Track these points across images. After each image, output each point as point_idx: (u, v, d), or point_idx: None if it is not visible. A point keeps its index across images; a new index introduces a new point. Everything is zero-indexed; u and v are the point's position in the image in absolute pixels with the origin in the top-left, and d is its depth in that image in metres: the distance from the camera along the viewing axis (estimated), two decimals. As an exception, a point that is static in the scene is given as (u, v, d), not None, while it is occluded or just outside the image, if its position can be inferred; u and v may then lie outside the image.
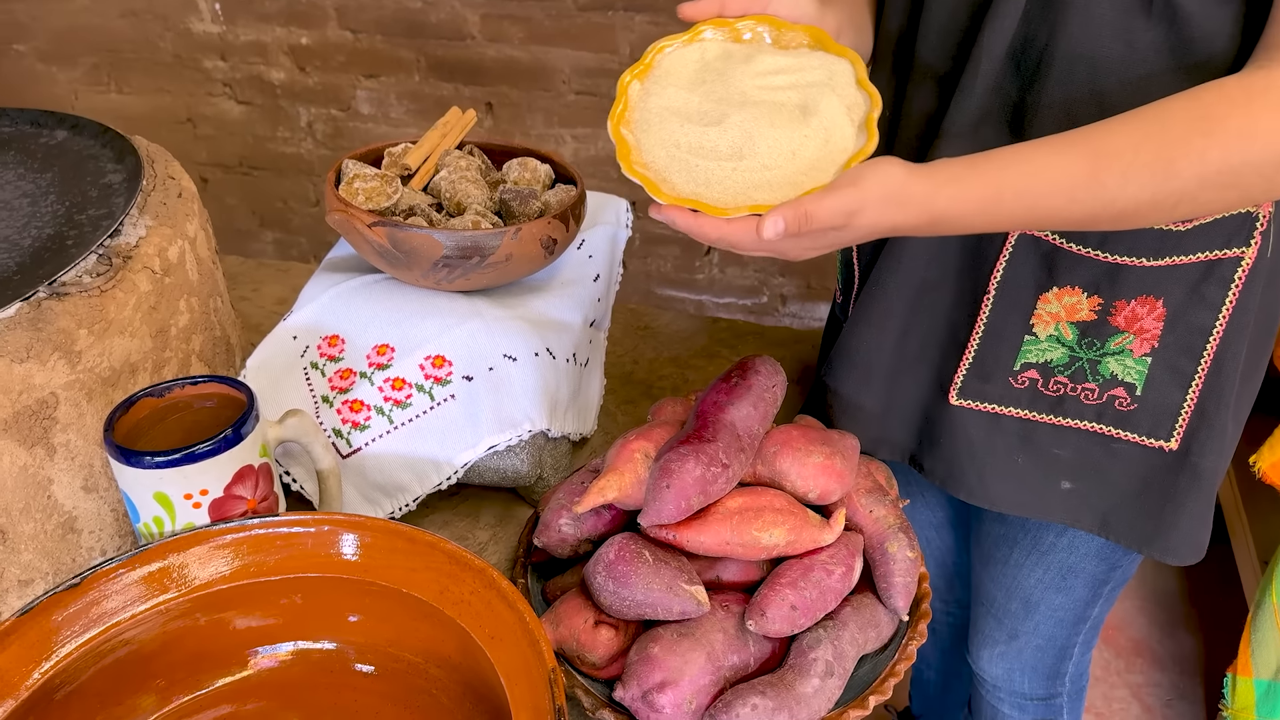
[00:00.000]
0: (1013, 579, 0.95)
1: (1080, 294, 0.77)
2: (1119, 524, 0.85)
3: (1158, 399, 0.80)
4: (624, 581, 0.67)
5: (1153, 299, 0.76)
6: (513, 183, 0.95)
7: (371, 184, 0.89)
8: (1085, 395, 0.81)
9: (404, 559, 0.71)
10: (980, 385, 0.83)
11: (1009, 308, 0.79)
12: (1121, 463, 0.82)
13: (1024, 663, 1.02)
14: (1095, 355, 0.80)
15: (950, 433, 0.85)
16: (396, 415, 0.83)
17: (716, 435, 0.69)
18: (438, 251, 0.83)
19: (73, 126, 1.05)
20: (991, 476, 0.86)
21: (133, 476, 0.71)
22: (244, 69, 2.15)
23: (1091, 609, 0.97)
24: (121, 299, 0.78)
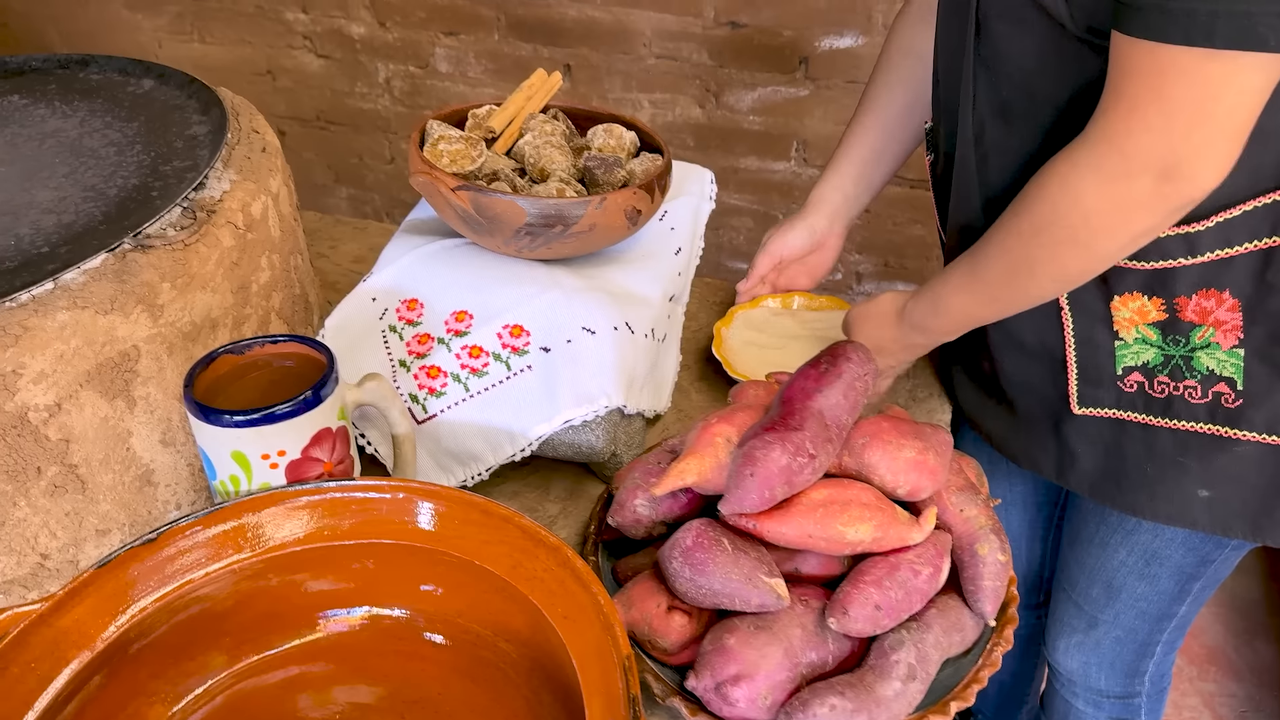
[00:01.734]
0: (1097, 559, 0.94)
1: (1142, 297, 0.78)
2: (1270, 527, 0.82)
3: (1263, 392, 0.78)
4: (701, 569, 0.65)
5: (1215, 291, 0.76)
6: (597, 150, 0.93)
7: (456, 146, 0.87)
8: (1189, 394, 0.80)
9: (478, 531, 0.69)
10: (1095, 392, 0.83)
11: (1089, 317, 0.81)
12: (1252, 465, 0.80)
13: (1102, 656, 0.99)
14: (1185, 351, 0.79)
15: (1089, 441, 0.86)
16: (473, 383, 0.82)
17: (803, 424, 0.66)
18: (520, 219, 0.81)
19: (159, 76, 1.05)
20: (1128, 485, 0.86)
21: (211, 434, 0.70)
22: (324, 22, 2.14)
23: (1177, 605, 0.93)
24: (205, 253, 0.78)
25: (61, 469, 0.73)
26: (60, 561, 0.76)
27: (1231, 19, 0.57)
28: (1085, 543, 0.96)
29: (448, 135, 0.88)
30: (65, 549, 0.76)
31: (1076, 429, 0.86)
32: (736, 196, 1.99)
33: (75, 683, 0.62)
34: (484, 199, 0.81)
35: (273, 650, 0.71)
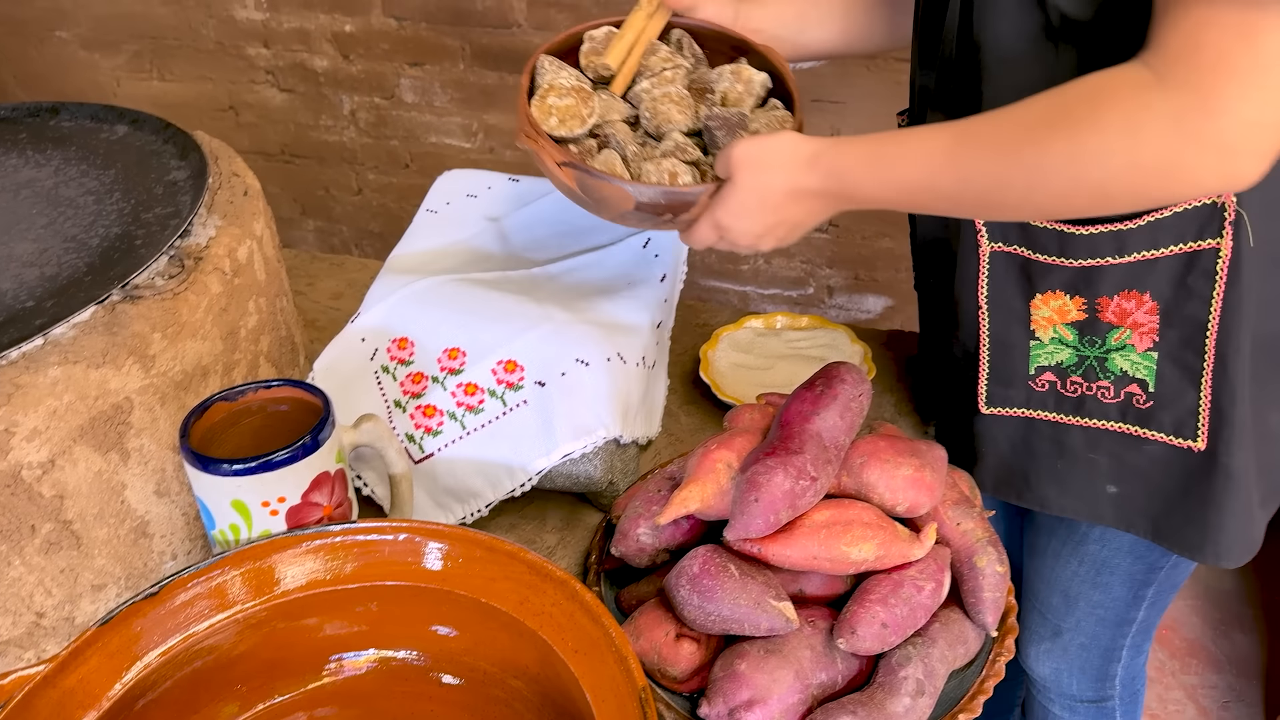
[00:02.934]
0: (1051, 570, 0.96)
1: (1064, 296, 0.79)
2: (1169, 529, 0.84)
3: (1172, 395, 0.79)
4: (709, 596, 0.66)
5: (1136, 293, 0.77)
6: (720, 97, 0.83)
7: (567, 101, 0.78)
8: (1102, 394, 0.81)
9: (483, 568, 0.69)
10: (1005, 391, 0.85)
11: (1006, 317, 0.82)
12: (1158, 466, 0.82)
13: (1070, 662, 1.01)
14: (1100, 352, 0.80)
15: (992, 441, 0.87)
16: (469, 421, 0.82)
17: (803, 446, 0.67)
18: (628, 204, 0.75)
19: (133, 121, 1.04)
20: (1036, 480, 0.87)
21: (210, 484, 0.70)
22: (287, 56, 2.14)
23: (1134, 611, 0.95)
24: (194, 301, 0.77)
25: (56, 525, 0.72)
26: (56, 619, 0.75)
27: None
28: (1041, 554, 0.98)
29: (558, 85, 0.79)
30: (61, 606, 0.75)
31: (983, 428, 0.87)
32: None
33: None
34: (590, 180, 0.75)
35: (282, 697, 0.71)
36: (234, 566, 0.69)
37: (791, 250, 2.00)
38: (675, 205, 0.75)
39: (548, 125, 0.78)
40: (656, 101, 0.81)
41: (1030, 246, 0.78)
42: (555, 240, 0.98)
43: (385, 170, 2.24)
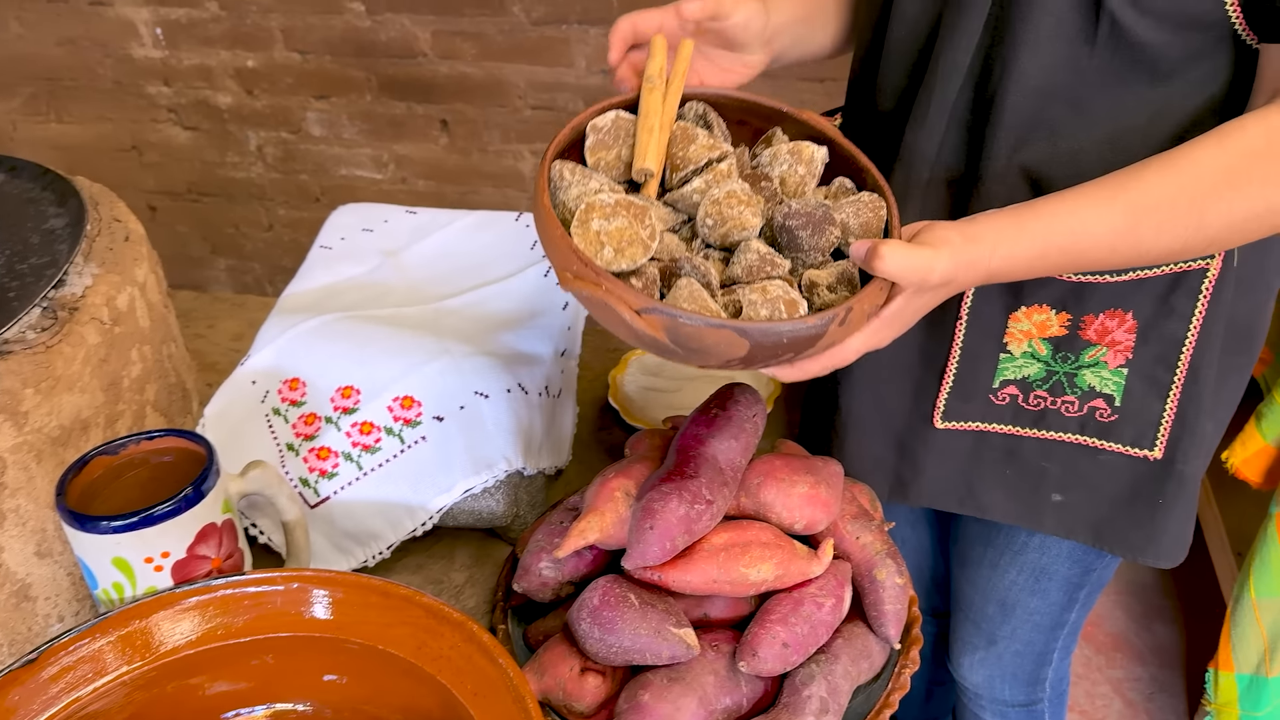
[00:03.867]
0: (988, 580, 0.96)
1: (1049, 311, 0.79)
2: (1111, 534, 0.85)
3: (1138, 409, 0.81)
4: (610, 628, 0.65)
5: (1121, 312, 0.77)
6: (779, 183, 0.68)
7: (617, 223, 0.60)
8: (1066, 408, 0.82)
9: (379, 614, 0.68)
10: (962, 406, 0.84)
11: (982, 330, 0.81)
12: (1109, 473, 0.83)
13: (1004, 669, 1.03)
14: (1071, 369, 0.81)
15: (939, 455, 0.87)
16: (365, 461, 0.80)
17: (698, 471, 0.67)
18: (740, 350, 0.58)
19: (10, 169, 1.00)
20: (981, 487, 0.87)
21: (89, 542, 0.67)
22: (189, 94, 2.10)
23: (1068, 613, 0.97)
24: (69, 354, 0.75)
25: (-74, 595, 0.69)
26: (-68, 694, 0.71)
27: None
28: (975, 564, 0.98)
29: (597, 202, 0.60)
30: (-64, 680, 0.71)
31: (928, 443, 0.86)
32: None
33: (-45, 826, 0.59)
34: (686, 328, 0.56)
35: (175, 761, 0.68)
36: (117, 627, 0.67)
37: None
38: (799, 342, 0.58)
39: (601, 259, 0.59)
40: (720, 204, 0.63)
41: None
42: (455, 274, 0.97)
43: (296, 205, 2.20)
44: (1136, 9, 0.66)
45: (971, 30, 0.71)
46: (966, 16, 0.71)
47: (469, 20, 1.85)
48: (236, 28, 1.97)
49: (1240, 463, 1.21)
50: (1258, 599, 1.20)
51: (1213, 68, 0.68)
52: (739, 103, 0.71)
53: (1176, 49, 0.67)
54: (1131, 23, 0.66)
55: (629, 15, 0.71)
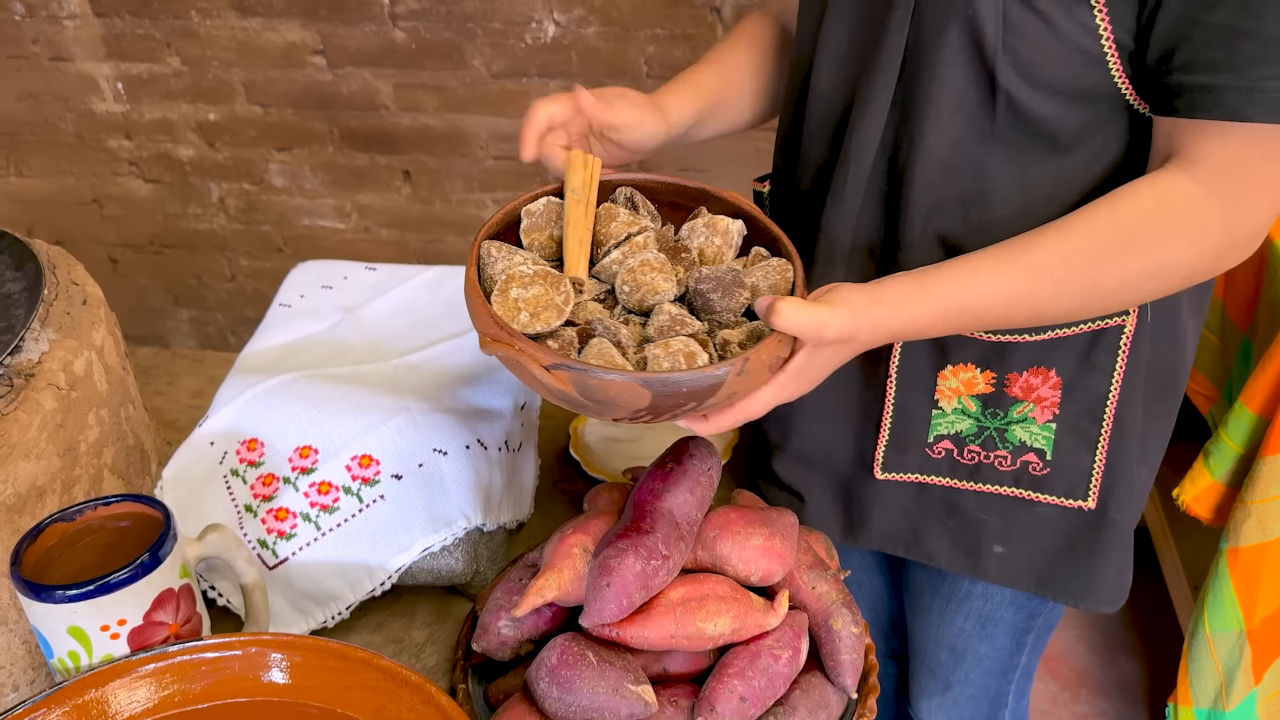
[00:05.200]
0: (937, 627, 0.98)
1: (974, 369, 0.82)
2: (1052, 583, 0.88)
3: (1069, 462, 0.83)
4: (568, 687, 0.66)
5: (1044, 369, 0.80)
6: (697, 253, 0.74)
7: (534, 291, 0.66)
8: (999, 462, 0.85)
9: (337, 678, 0.68)
10: (900, 458, 0.87)
11: (912, 386, 0.84)
12: (1046, 524, 0.86)
13: (960, 713, 1.04)
14: (1001, 424, 0.84)
15: (882, 503, 0.89)
16: (324, 521, 0.80)
17: (655, 526, 0.68)
18: (643, 401, 0.62)
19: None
20: (926, 535, 0.90)
21: (44, 611, 0.67)
22: (150, 147, 2.10)
23: (1017, 657, 0.99)
24: (25, 420, 0.75)
25: (-125, 670, 0.68)
26: (-120, 771, 0.70)
27: None
28: (924, 612, 1.00)
29: (517, 273, 0.67)
30: (-115, 756, 0.70)
31: (872, 493, 0.89)
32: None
33: None
34: (591, 381, 0.61)
35: (131, 834, 0.67)
36: (72, 697, 0.66)
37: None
38: (699, 392, 0.62)
39: (518, 323, 0.65)
40: (635, 272, 0.69)
41: None
42: (414, 329, 0.98)
43: (258, 255, 2.20)
44: (1029, 85, 0.69)
45: (880, 106, 0.75)
46: (876, 93, 0.75)
47: (430, 73, 1.87)
48: (198, 82, 1.98)
49: (1190, 500, 1.24)
50: (1212, 634, 1.22)
51: (1110, 136, 0.72)
52: (669, 186, 0.78)
53: (1072, 120, 0.71)
54: (1026, 98, 0.70)
55: (539, 104, 0.76)
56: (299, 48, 1.89)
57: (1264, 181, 0.66)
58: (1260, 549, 1.15)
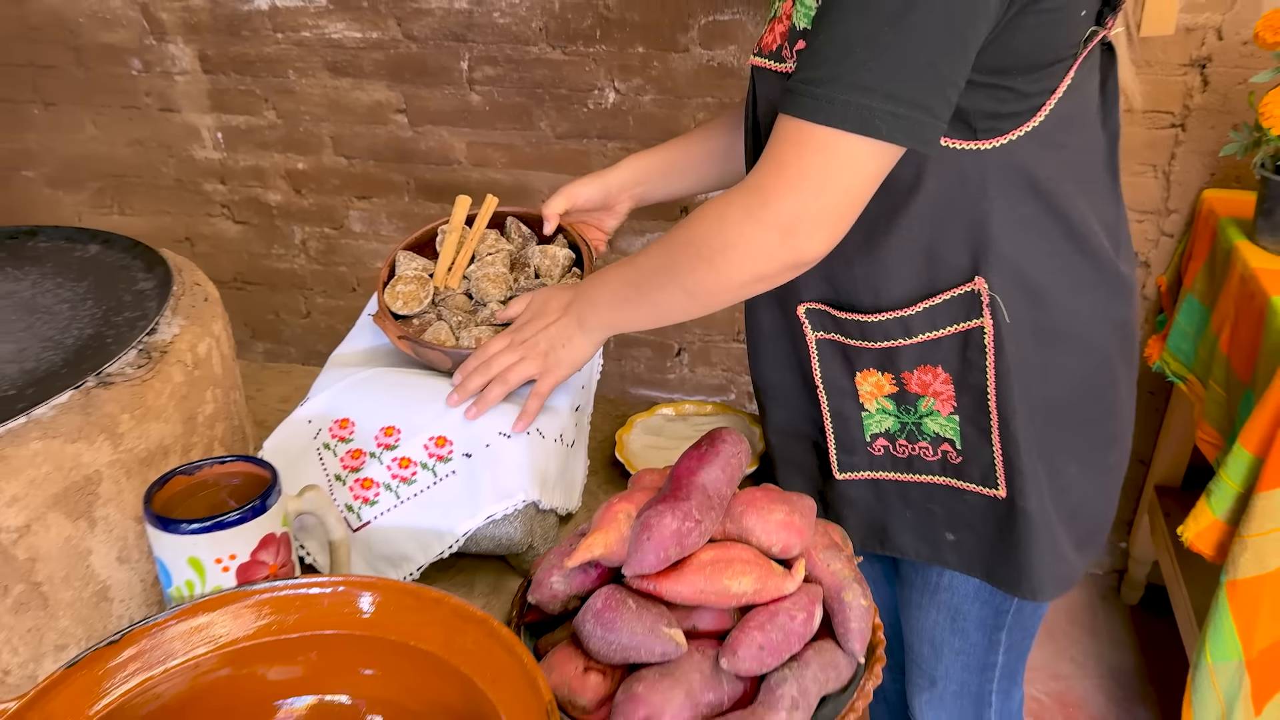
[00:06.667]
0: (917, 621, 1.06)
1: (877, 373, 0.93)
2: (995, 571, 0.96)
3: (974, 451, 0.92)
4: (611, 627, 0.75)
5: (932, 367, 0.90)
6: (533, 272, 1.06)
7: (409, 288, 1.02)
8: (924, 453, 0.95)
9: (411, 615, 0.78)
10: (850, 459, 0.97)
11: (840, 394, 0.95)
12: (979, 512, 0.94)
13: (948, 710, 1.10)
14: (916, 419, 0.94)
15: (850, 504, 1.00)
16: (403, 491, 0.91)
17: (690, 495, 0.78)
18: (446, 364, 0.98)
19: (105, 241, 1.15)
20: (892, 529, 0.99)
21: (169, 543, 0.78)
22: (242, 191, 2.27)
23: (993, 656, 1.05)
24: (158, 389, 0.87)
25: (27, 587, 0.79)
26: (20, 678, 0.81)
27: (859, 110, 0.72)
28: (907, 606, 1.09)
29: (405, 274, 1.03)
30: (25, 665, 0.81)
31: (838, 493, 0.99)
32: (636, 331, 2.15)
33: (45, 776, 0.68)
34: (418, 347, 0.98)
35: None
36: (189, 617, 0.77)
37: (714, 360, 2.15)
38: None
39: (395, 307, 1.02)
40: (478, 281, 1.04)
41: (841, 333, 0.92)
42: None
43: (333, 294, 2.36)
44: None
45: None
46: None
47: (500, 133, 2.03)
48: (290, 134, 2.16)
49: (1194, 537, 1.30)
50: (1214, 663, 1.27)
51: None
52: (536, 217, 1.11)
53: None
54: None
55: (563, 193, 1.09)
56: (384, 106, 2.06)
57: (781, 175, 0.76)
58: (1257, 581, 1.21)
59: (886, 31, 0.71)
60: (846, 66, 0.72)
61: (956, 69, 0.74)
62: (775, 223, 0.78)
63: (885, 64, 0.72)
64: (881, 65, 0.72)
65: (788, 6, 0.82)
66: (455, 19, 1.93)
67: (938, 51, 0.72)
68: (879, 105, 0.72)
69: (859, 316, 0.90)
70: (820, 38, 0.74)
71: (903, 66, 0.72)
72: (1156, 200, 1.72)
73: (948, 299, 0.87)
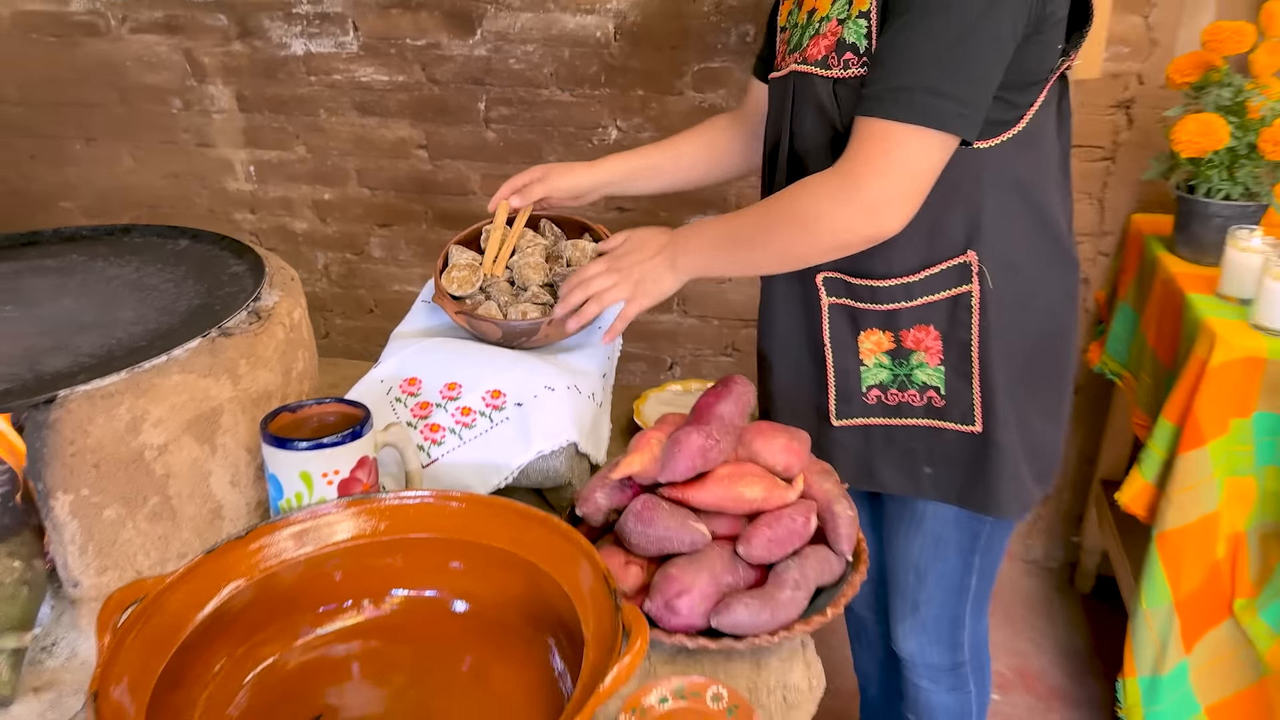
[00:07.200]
0: (904, 551, 1.22)
1: (879, 332, 1.11)
2: (966, 494, 1.13)
3: (957, 395, 1.10)
4: (649, 523, 0.91)
5: (926, 326, 1.09)
6: (565, 262, 1.24)
7: (463, 273, 1.21)
8: (912, 399, 1.12)
9: (484, 520, 0.93)
10: (846, 407, 1.15)
11: (843, 352, 1.13)
12: (955, 447, 1.12)
13: (929, 634, 1.26)
14: (907, 371, 1.11)
15: (842, 447, 1.17)
16: (465, 434, 1.07)
17: (710, 420, 0.95)
18: (497, 334, 1.15)
19: (194, 236, 1.31)
20: (878, 468, 1.16)
21: (284, 459, 0.93)
22: (270, 220, 2.44)
23: (968, 579, 1.22)
24: (266, 342, 1.03)
25: (161, 499, 0.94)
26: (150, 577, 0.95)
27: (935, 110, 0.91)
28: (894, 539, 1.25)
29: (459, 262, 1.23)
30: (154, 568, 0.95)
31: (833, 438, 1.16)
32: (632, 345, 2.32)
33: (193, 633, 0.82)
34: (473, 320, 1.15)
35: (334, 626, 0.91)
36: (300, 522, 0.92)
37: (704, 372, 2.32)
38: (527, 331, 1.14)
39: (451, 289, 1.20)
40: (521, 268, 1.23)
41: (853, 298, 1.10)
42: (522, 320, 1.27)
43: (352, 315, 2.51)
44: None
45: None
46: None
47: (513, 166, 2.21)
48: (318, 167, 2.34)
49: (1129, 500, 1.47)
50: (1148, 608, 1.44)
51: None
52: (569, 220, 1.33)
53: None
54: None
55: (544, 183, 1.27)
56: (406, 142, 2.25)
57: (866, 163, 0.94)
58: (1182, 531, 1.38)
59: (952, 49, 0.91)
60: (923, 76, 0.92)
61: (996, 78, 0.95)
62: (864, 203, 0.95)
63: (952, 74, 0.92)
64: (949, 75, 0.91)
65: (833, 25, 1.02)
66: (475, 65, 2.13)
67: (988, 64, 0.93)
68: (949, 106, 0.92)
69: (871, 282, 1.08)
70: (895, 54, 0.93)
71: (965, 76, 0.92)
72: (1093, 224, 1.93)
73: (945, 268, 1.06)
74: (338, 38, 2.17)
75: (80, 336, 1.01)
